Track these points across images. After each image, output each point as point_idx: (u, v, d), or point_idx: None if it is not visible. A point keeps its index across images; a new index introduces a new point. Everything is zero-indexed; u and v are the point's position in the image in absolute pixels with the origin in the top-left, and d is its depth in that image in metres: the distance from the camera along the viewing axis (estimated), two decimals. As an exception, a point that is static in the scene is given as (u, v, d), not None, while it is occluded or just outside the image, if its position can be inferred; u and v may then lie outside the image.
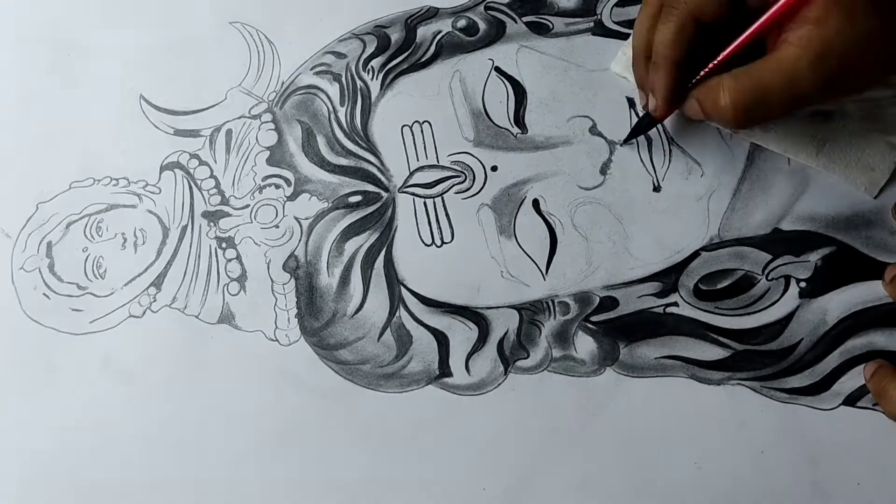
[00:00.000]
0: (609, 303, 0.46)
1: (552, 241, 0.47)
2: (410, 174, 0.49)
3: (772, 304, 0.46)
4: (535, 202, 0.48)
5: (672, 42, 0.42)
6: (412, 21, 0.52)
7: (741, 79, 0.40)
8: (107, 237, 0.50)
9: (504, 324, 0.47)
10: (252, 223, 0.49)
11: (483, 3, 0.52)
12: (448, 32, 0.51)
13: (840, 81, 0.39)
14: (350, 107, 0.51)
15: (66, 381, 0.48)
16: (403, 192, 0.49)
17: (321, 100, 0.51)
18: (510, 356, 0.46)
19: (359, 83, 0.51)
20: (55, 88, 0.53)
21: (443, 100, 0.50)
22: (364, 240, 0.48)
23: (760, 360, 0.45)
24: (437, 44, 0.51)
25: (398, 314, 0.47)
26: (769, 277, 0.46)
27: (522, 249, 0.47)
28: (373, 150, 0.50)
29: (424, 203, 0.49)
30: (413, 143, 0.50)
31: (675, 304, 0.46)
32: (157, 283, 0.49)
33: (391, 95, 0.51)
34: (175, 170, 0.51)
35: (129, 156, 0.51)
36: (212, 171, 0.50)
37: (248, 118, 0.51)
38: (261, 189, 0.50)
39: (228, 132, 0.51)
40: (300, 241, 0.49)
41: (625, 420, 0.45)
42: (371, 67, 0.51)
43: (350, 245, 0.48)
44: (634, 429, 0.45)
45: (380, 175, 0.49)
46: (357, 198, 0.49)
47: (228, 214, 0.50)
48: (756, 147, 0.47)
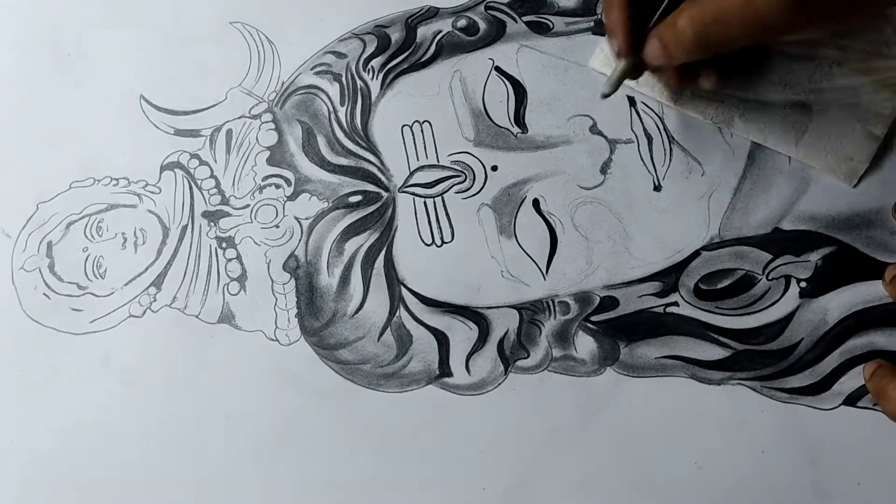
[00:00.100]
0: (609, 302, 0.46)
1: (552, 241, 0.47)
2: (411, 174, 0.49)
3: (772, 304, 0.46)
4: (536, 202, 0.48)
5: None
6: (412, 21, 0.52)
7: (700, 6, 0.39)
8: (107, 237, 0.50)
9: (504, 323, 0.46)
10: (252, 223, 0.49)
11: (483, 3, 0.52)
12: (448, 32, 0.51)
13: (803, 7, 0.37)
14: (350, 106, 0.51)
15: (67, 381, 0.48)
16: (403, 192, 0.49)
17: (321, 100, 0.51)
18: (510, 356, 0.46)
19: (359, 83, 0.51)
20: (55, 88, 0.53)
21: (443, 99, 0.50)
22: (364, 239, 0.48)
23: (761, 360, 0.45)
24: (438, 43, 0.51)
25: (398, 314, 0.47)
26: (769, 277, 0.46)
27: (523, 249, 0.47)
28: (373, 150, 0.50)
29: (425, 203, 0.49)
30: (413, 143, 0.50)
31: (676, 304, 0.46)
32: (158, 283, 0.49)
33: (391, 95, 0.51)
34: (175, 170, 0.51)
35: (130, 156, 0.51)
36: (212, 171, 0.50)
37: (249, 118, 0.51)
38: (261, 189, 0.50)
39: (229, 132, 0.51)
40: (300, 241, 0.49)
41: (625, 420, 0.45)
42: (371, 67, 0.51)
43: (350, 245, 0.48)
44: (635, 429, 0.45)
45: (380, 175, 0.49)
46: (357, 197, 0.49)
47: (229, 214, 0.50)
48: (757, 146, 0.47)
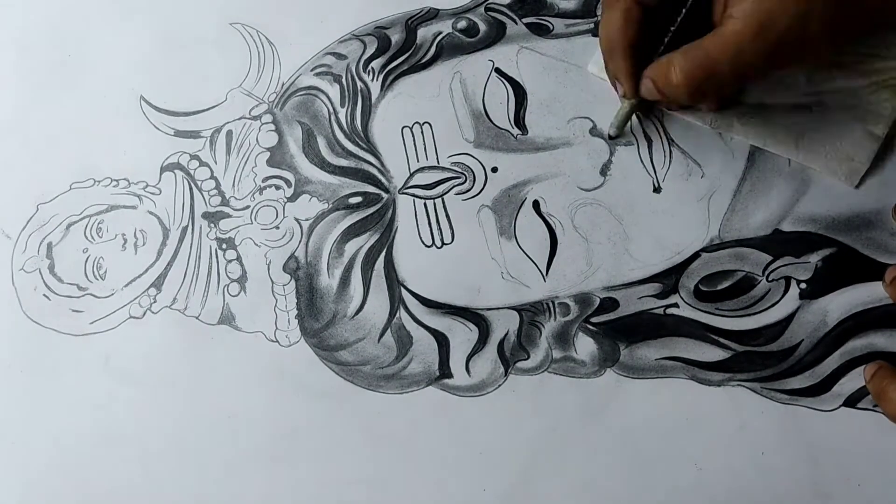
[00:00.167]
0: (609, 304, 0.46)
1: (552, 243, 0.47)
2: (411, 175, 0.49)
3: (772, 306, 0.46)
4: (536, 203, 0.48)
5: (621, 27, 0.43)
6: (412, 22, 0.52)
7: (690, 55, 0.41)
8: (107, 238, 0.50)
9: (504, 325, 0.46)
10: (252, 224, 0.49)
11: (483, 5, 0.52)
12: (448, 33, 0.51)
13: (786, 51, 0.40)
14: (350, 108, 0.51)
15: (67, 383, 0.48)
16: (404, 193, 0.49)
17: (321, 101, 0.51)
18: (510, 357, 0.46)
19: (359, 84, 0.51)
20: (56, 89, 0.53)
21: (443, 101, 0.50)
22: (364, 241, 0.48)
23: (761, 362, 0.45)
24: (438, 45, 0.51)
25: (398, 315, 0.47)
26: (769, 279, 0.46)
27: (523, 250, 0.47)
28: (373, 151, 0.50)
29: (425, 204, 0.49)
30: (413, 144, 0.50)
31: (676, 306, 0.46)
32: (158, 284, 0.49)
33: (391, 96, 0.51)
34: (175, 171, 0.51)
35: (130, 157, 0.51)
36: (212, 172, 0.50)
37: (249, 119, 0.51)
38: (261, 190, 0.50)
39: (229, 133, 0.51)
40: (300, 243, 0.49)
41: (625, 421, 0.45)
42: (371, 68, 0.51)
43: (350, 246, 0.48)
44: (635, 430, 0.45)
45: (380, 176, 0.49)
46: (357, 199, 0.49)
47: (229, 215, 0.50)
48: (756, 149, 0.47)
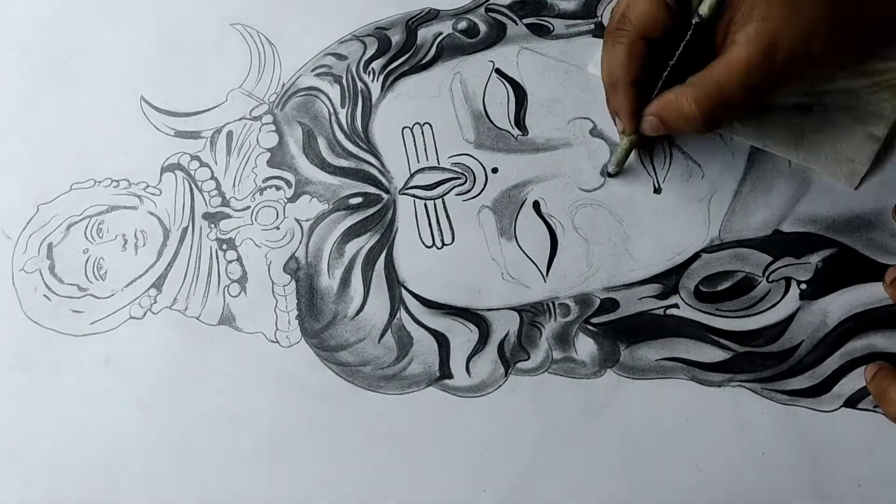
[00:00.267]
0: (609, 304, 0.46)
1: (553, 243, 0.47)
2: (411, 176, 0.49)
3: (772, 306, 0.46)
4: (536, 204, 0.48)
5: (624, 63, 0.43)
6: (413, 23, 0.52)
7: (700, 87, 0.41)
8: (107, 238, 0.50)
9: (504, 325, 0.47)
10: (253, 225, 0.49)
11: (484, 5, 0.52)
12: (449, 34, 0.51)
13: (793, 69, 0.40)
14: (351, 108, 0.51)
15: (67, 383, 0.48)
16: (404, 194, 0.49)
17: (322, 101, 0.51)
18: (511, 358, 0.46)
19: (359, 85, 0.51)
20: (56, 90, 0.53)
21: (443, 101, 0.50)
22: (365, 241, 0.48)
23: (761, 362, 0.45)
24: (438, 45, 0.51)
25: (399, 316, 0.47)
26: (770, 279, 0.46)
27: (523, 251, 0.47)
28: (373, 152, 0.50)
29: (425, 205, 0.49)
30: (414, 145, 0.50)
31: (676, 306, 0.46)
32: (158, 285, 0.49)
33: (392, 97, 0.51)
34: (176, 171, 0.51)
35: (130, 157, 0.51)
36: (212, 173, 0.50)
37: (249, 120, 0.51)
38: (261, 191, 0.50)
39: (229, 134, 0.51)
40: (301, 243, 0.49)
41: (625, 422, 0.45)
42: (372, 69, 0.51)
43: (351, 247, 0.48)
44: (635, 430, 0.45)
45: (380, 177, 0.49)
46: (358, 199, 0.49)
47: (229, 216, 0.50)
48: (756, 149, 0.47)
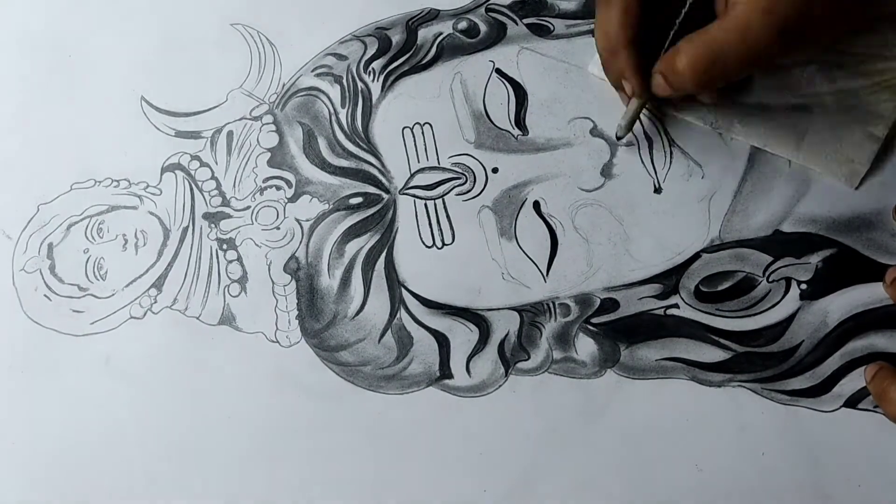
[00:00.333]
0: (610, 304, 0.46)
1: (553, 243, 0.47)
2: (411, 176, 0.49)
3: (772, 306, 0.46)
4: (536, 204, 0.48)
5: (620, 22, 0.42)
6: (413, 23, 0.52)
7: (695, 41, 0.41)
8: (108, 238, 0.50)
9: (505, 325, 0.46)
10: (253, 225, 0.49)
11: (484, 5, 0.52)
12: (449, 34, 0.51)
13: (793, 33, 0.39)
14: (351, 108, 0.51)
15: (67, 383, 0.48)
16: (404, 194, 0.49)
17: (322, 101, 0.51)
18: (511, 358, 0.46)
19: (360, 85, 0.51)
20: (56, 90, 0.53)
21: (444, 101, 0.50)
22: (365, 241, 0.48)
23: (761, 362, 0.45)
24: (438, 45, 0.51)
25: (399, 316, 0.47)
26: (770, 279, 0.46)
27: (523, 251, 0.47)
28: (374, 152, 0.50)
29: (425, 205, 0.49)
30: (414, 145, 0.50)
31: (676, 306, 0.46)
32: (158, 285, 0.49)
33: (392, 97, 0.51)
34: (176, 171, 0.51)
35: (130, 157, 0.51)
36: (213, 173, 0.50)
37: (249, 120, 0.51)
38: (262, 191, 0.50)
39: (229, 134, 0.51)
40: (301, 243, 0.49)
41: (625, 422, 0.45)
42: (372, 69, 0.51)
43: (351, 247, 0.48)
44: (635, 431, 0.45)
45: (381, 177, 0.49)
46: (358, 199, 0.49)
47: (229, 216, 0.50)
48: (756, 149, 0.47)
